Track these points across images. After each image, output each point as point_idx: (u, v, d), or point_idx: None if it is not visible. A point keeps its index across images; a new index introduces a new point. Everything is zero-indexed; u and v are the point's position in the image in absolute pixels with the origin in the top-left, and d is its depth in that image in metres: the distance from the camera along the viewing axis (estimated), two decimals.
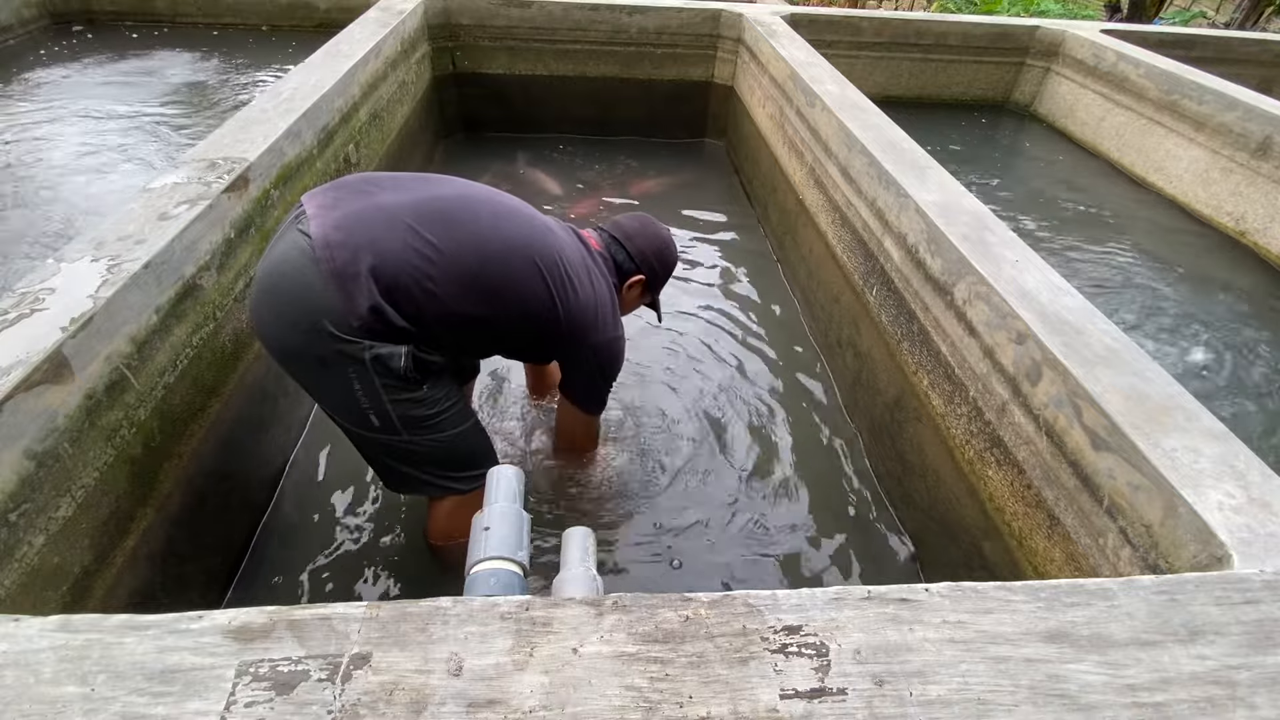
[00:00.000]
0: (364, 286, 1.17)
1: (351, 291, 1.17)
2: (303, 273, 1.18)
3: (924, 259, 1.74)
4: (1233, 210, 3.24)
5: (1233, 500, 0.98)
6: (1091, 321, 1.35)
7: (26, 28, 4.47)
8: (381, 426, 1.29)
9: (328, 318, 1.17)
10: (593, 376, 1.55)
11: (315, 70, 2.37)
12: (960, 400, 1.57)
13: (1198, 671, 0.71)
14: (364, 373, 1.22)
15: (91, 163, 3.05)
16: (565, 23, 3.77)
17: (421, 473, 1.40)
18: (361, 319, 1.18)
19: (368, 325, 1.18)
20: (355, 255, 1.17)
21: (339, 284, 1.16)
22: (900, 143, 2.19)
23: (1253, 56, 4.49)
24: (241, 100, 3.70)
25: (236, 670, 0.65)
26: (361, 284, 1.17)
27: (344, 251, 1.17)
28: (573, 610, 0.73)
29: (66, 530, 1.10)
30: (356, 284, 1.17)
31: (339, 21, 3.44)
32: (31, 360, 1.04)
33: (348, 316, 1.17)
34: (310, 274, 1.17)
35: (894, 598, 0.76)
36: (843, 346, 2.28)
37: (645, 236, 1.63)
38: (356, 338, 1.19)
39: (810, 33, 3.87)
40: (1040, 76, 4.47)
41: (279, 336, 1.24)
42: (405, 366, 1.22)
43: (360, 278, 1.17)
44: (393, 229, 1.22)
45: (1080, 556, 1.19)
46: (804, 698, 0.66)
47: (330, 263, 1.16)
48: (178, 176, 1.59)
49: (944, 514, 1.64)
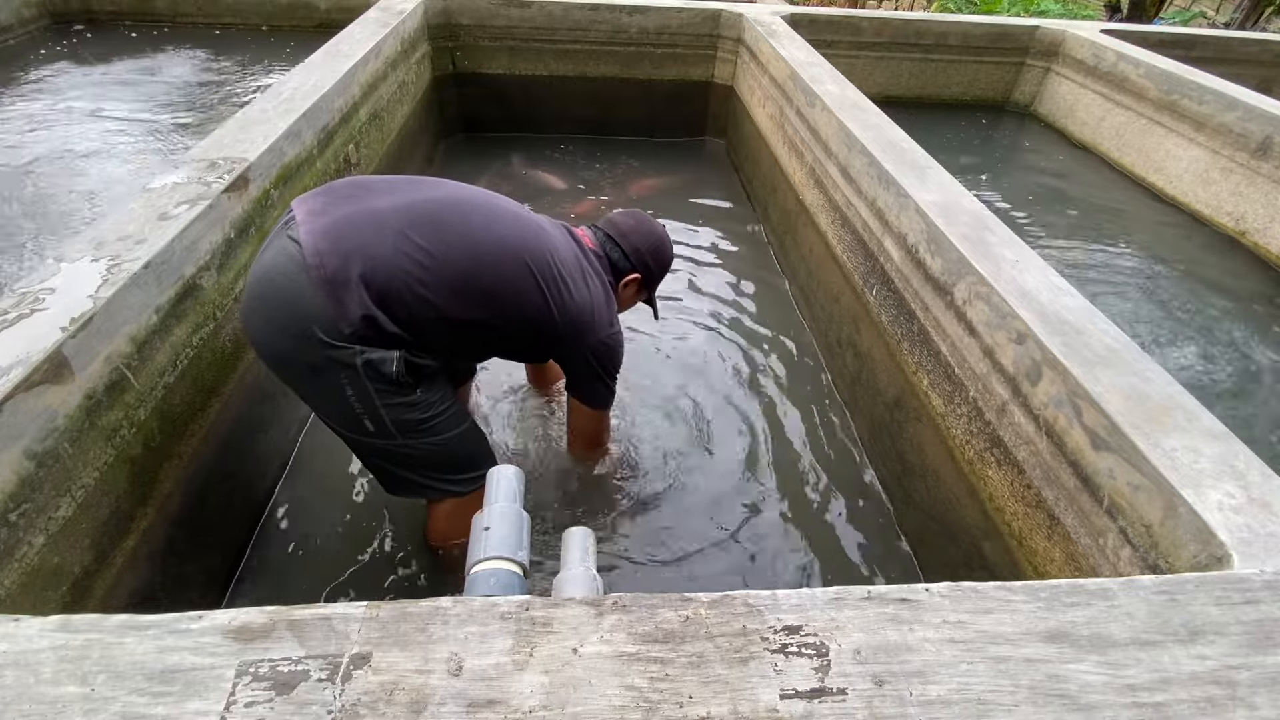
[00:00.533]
0: (355, 293, 1.16)
1: (343, 298, 1.16)
2: (292, 280, 1.17)
3: (924, 259, 1.75)
4: (1233, 210, 3.24)
5: (1233, 500, 0.98)
6: (1091, 321, 1.35)
7: (26, 28, 4.47)
8: (376, 431, 1.29)
9: (318, 324, 1.16)
10: (594, 375, 1.54)
11: (315, 70, 2.37)
12: (960, 400, 1.57)
13: (1198, 671, 0.72)
14: (356, 378, 1.21)
15: (91, 162, 3.05)
16: (565, 23, 3.77)
17: (418, 476, 1.39)
18: (353, 326, 1.17)
19: (359, 332, 1.18)
20: (345, 262, 1.17)
21: (329, 291, 1.16)
22: (900, 142, 2.19)
23: (1253, 56, 4.49)
24: (241, 100, 3.69)
25: (236, 670, 0.65)
26: (353, 291, 1.16)
27: (334, 258, 1.16)
28: (573, 610, 0.73)
29: (66, 530, 1.10)
30: (347, 291, 1.16)
31: (339, 21, 3.44)
32: (31, 360, 1.04)
33: (338, 323, 1.16)
34: (300, 281, 1.16)
35: (894, 598, 0.76)
36: (843, 346, 2.28)
37: (640, 234, 1.62)
38: (347, 343, 1.18)
39: (810, 33, 3.87)
40: (1040, 76, 4.47)
41: (270, 343, 1.24)
42: (398, 371, 1.22)
43: (351, 284, 1.16)
44: (382, 234, 1.21)
45: (1080, 556, 1.19)
46: (804, 698, 0.66)
47: (320, 270, 1.15)
48: (178, 176, 1.59)
49: (944, 514, 1.64)
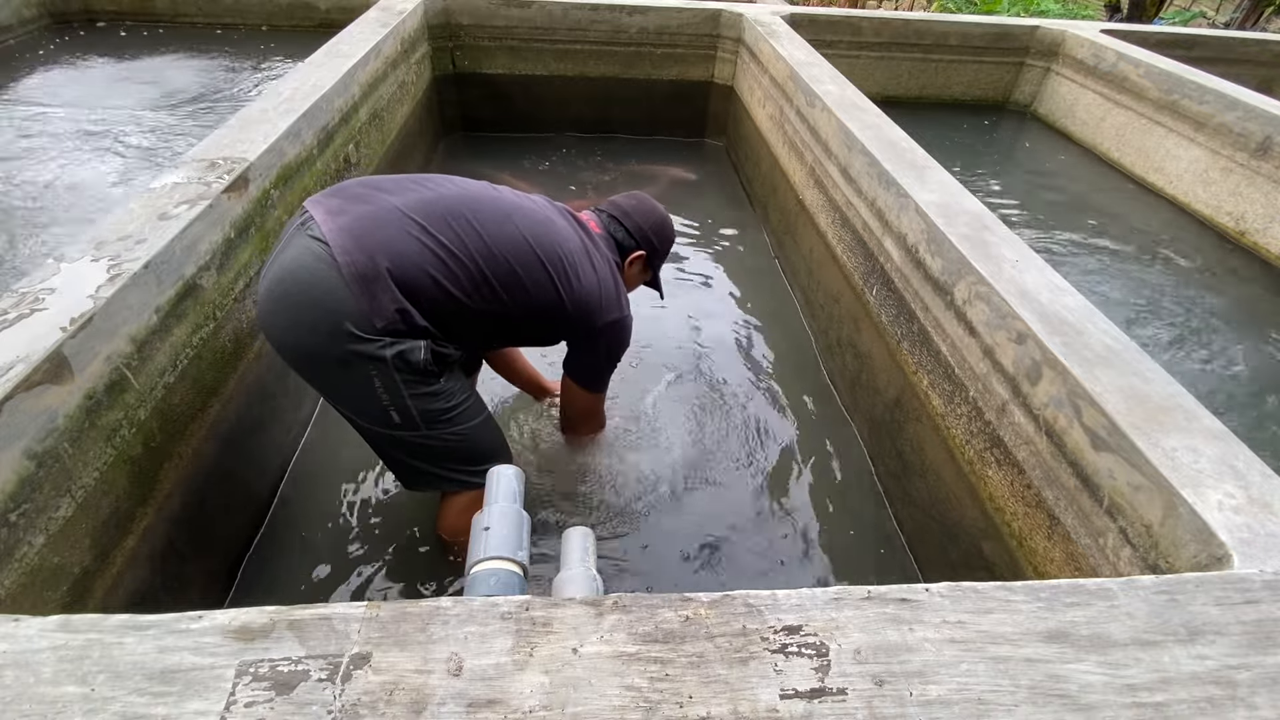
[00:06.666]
0: (387, 288, 1.20)
1: (376, 293, 1.20)
2: (322, 278, 1.20)
3: (924, 259, 1.74)
4: (1232, 210, 3.24)
5: (1233, 500, 0.98)
6: (1091, 321, 1.35)
7: (26, 27, 4.47)
8: (402, 422, 1.31)
9: (350, 320, 1.20)
10: (598, 358, 1.59)
11: (315, 70, 2.37)
12: (960, 400, 1.57)
13: (1198, 671, 0.71)
14: (385, 370, 1.24)
15: (91, 162, 3.05)
16: (565, 23, 3.78)
17: (439, 468, 1.42)
18: (386, 319, 1.21)
19: (391, 325, 1.22)
20: (372, 258, 1.21)
21: (363, 286, 1.19)
22: (900, 142, 2.19)
23: (1253, 56, 4.49)
24: (241, 100, 3.69)
25: (236, 670, 0.65)
26: (384, 285, 1.20)
27: (361, 255, 1.20)
28: (573, 610, 0.73)
29: (66, 530, 1.10)
30: (380, 285, 1.20)
31: (339, 21, 3.44)
32: (31, 360, 1.04)
33: (371, 317, 1.20)
34: (330, 278, 1.19)
35: (894, 598, 0.76)
36: (843, 346, 2.28)
37: (641, 212, 1.68)
38: (379, 336, 1.21)
39: (810, 33, 3.87)
40: (1040, 76, 4.47)
41: (296, 342, 1.26)
42: (425, 359, 1.25)
43: (381, 279, 1.20)
44: (403, 230, 1.25)
45: (1080, 556, 1.19)
46: (804, 698, 0.66)
47: (351, 267, 1.19)
48: (178, 176, 1.59)
49: (944, 514, 1.64)
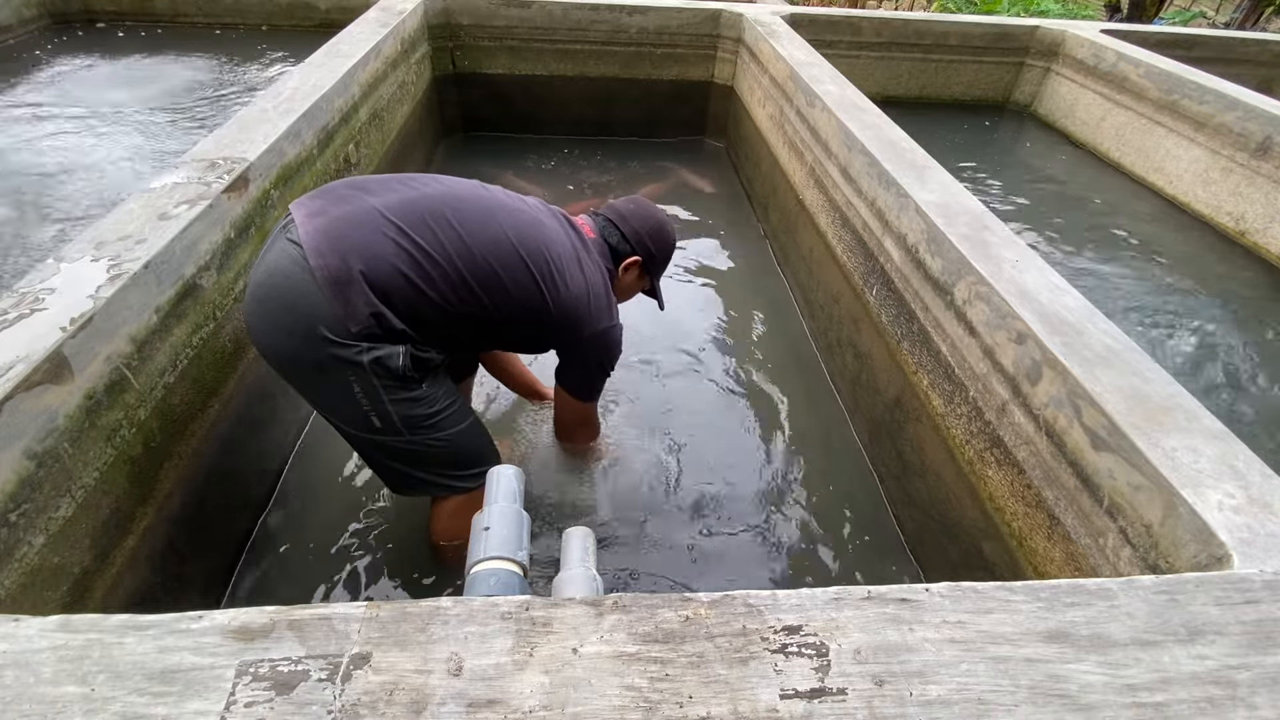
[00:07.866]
0: (361, 291, 1.18)
1: (350, 297, 1.17)
2: (296, 281, 1.18)
3: (924, 259, 1.74)
4: (1232, 210, 3.24)
5: (1233, 500, 0.98)
6: (1091, 321, 1.35)
7: (26, 27, 4.47)
8: (383, 428, 1.30)
9: (324, 324, 1.18)
10: (588, 368, 1.55)
11: (315, 70, 2.37)
12: (960, 400, 1.57)
13: (1198, 671, 0.71)
14: (363, 375, 1.22)
15: (91, 162, 3.05)
16: (565, 23, 3.77)
17: (424, 473, 1.40)
18: (361, 324, 1.18)
19: (367, 329, 1.19)
20: (345, 261, 1.18)
21: (335, 290, 1.17)
22: (900, 142, 2.19)
23: (1253, 56, 4.49)
24: (241, 100, 3.69)
25: (236, 670, 0.65)
26: (357, 289, 1.18)
27: (334, 258, 1.18)
28: (573, 610, 0.73)
29: (66, 530, 1.10)
30: (353, 289, 1.18)
31: (339, 21, 3.44)
32: (31, 360, 1.04)
33: (345, 322, 1.18)
34: (304, 282, 1.17)
35: (894, 598, 0.76)
36: (843, 346, 2.28)
37: (639, 217, 1.62)
38: (355, 341, 1.19)
39: (810, 33, 3.87)
40: (1040, 76, 4.47)
41: (275, 345, 1.25)
42: (404, 365, 1.23)
43: (355, 282, 1.18)
44: (379, 232, 1.22)
45: (1080, 556, 1.19)
46: (804, 698, 0.66)
47: (324, 270, 1.17)
48: (178, 176, 1.59)
49: (944, 514, 1.64)
